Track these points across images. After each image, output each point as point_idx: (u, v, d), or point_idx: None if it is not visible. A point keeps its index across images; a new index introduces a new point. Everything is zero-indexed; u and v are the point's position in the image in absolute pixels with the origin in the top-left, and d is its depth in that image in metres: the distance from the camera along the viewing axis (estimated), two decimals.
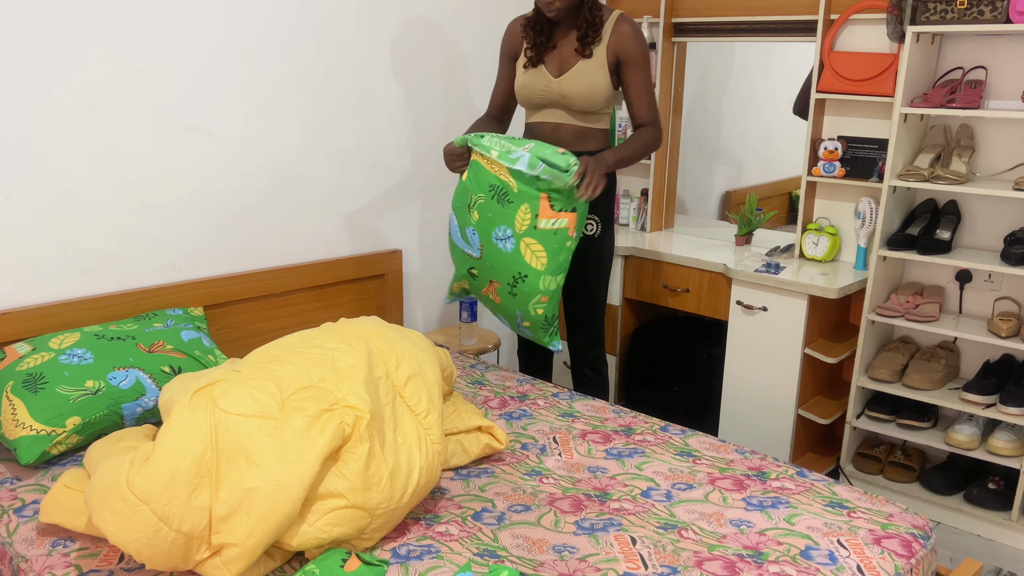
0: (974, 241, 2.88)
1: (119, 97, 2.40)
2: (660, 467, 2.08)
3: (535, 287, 2.45)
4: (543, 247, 2.43)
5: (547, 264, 2.44)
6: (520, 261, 2.44)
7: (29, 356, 2.15)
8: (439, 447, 1.85)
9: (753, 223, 3.37)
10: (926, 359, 2.88)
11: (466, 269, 2.62)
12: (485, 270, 2.54)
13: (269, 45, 2.70)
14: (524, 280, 2.45)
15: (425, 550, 1.71)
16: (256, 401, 1.67)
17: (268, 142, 2.77)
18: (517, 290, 2.47)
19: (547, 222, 2.40)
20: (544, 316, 2.49)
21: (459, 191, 2.57)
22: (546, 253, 2.44)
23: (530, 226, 2.41)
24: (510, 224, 2.43)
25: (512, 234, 2.43)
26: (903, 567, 1.70)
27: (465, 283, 2.69)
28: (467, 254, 2.58)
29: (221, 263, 2.72)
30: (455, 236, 2.62)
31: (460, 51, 3.30)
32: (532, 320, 2.50)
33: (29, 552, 1.71)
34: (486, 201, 2.47)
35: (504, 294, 2.51)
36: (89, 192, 2.39)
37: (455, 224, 2.60)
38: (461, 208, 2.56)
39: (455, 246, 2.64)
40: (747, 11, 3.22)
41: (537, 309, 2.47)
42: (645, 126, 2.58)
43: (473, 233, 2.52)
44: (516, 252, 2.44)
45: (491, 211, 2.47)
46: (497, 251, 2.47)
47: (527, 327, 2.54)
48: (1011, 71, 2.72)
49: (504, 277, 2.49)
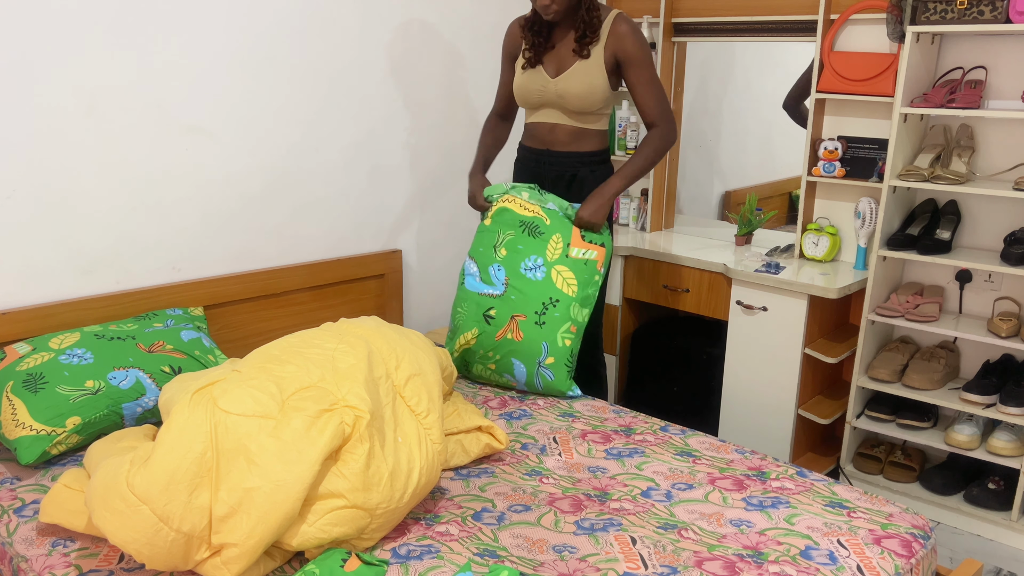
0: (974, 241, 2.88)
1: (119, 97, 2.40)
2: (660, 467, 2.08)
3: (566, 313, 2.45)
4: (574, 275, 2.47)
5: (577, 292, 2.46)
6: (551, 287, 2.46)
7: (29, 356, 2.15)
8: (439, 447, 1.85)
9: (753, 223, 3.37)
10: (926, 359, 2.88)
11: (481, 314, 2.51)
12: (508, 305, 2.48)
13: (269, 45, 2.70)
14: (555, 305, 2.44)
15: (425, 550, 1.71)
16: (256, 401, 1.67)
17: (268, 142, 2.77)
18: (547, 317, 2.44)
19: (578, 251, 2.49)
20: (570, 350, 2.45)
21: (479, 239, 2.60)
22: (577, 281, 2.47)
23: (562, 255, 2.48)
24: (541, 254, 2.49)
25: (543, 263, 2.48)
26: (903, 567, 1.70)
27: (472, 335, 2.53)
28: (485, 296, 2.52)
29: (221, 263, 2.72)
30: (471, 283, 2.56)
31: (460, 52, 3.30)
32: (558, 354, 2.44)
33: (29, 552, 1.71)
34: (516, 236, 2.53)
35: (529, 326, 2.45)
36: (89, 192, 2.39)
37: (473, 270, 2.57)
38: (485, 251, 2.56)
39: (467, 294, 2.56)
40: (747, 11, 3.22)
41: (565, 340, 2.44)
42: (655, 125, 2.57)
43: (499, 269, 2.51)
44: (547, 279, 2.46)
45: (521, 243, 2.51)
46: (526, 281, 2.47)
47: (549, 365, 2.45)
48: (1011, 71, 2.71)
49: (532, 306, 2.45)
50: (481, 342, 2.52)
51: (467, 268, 2.61)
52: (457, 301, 2.60)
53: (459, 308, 2.58)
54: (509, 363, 2.49)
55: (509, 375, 2.52)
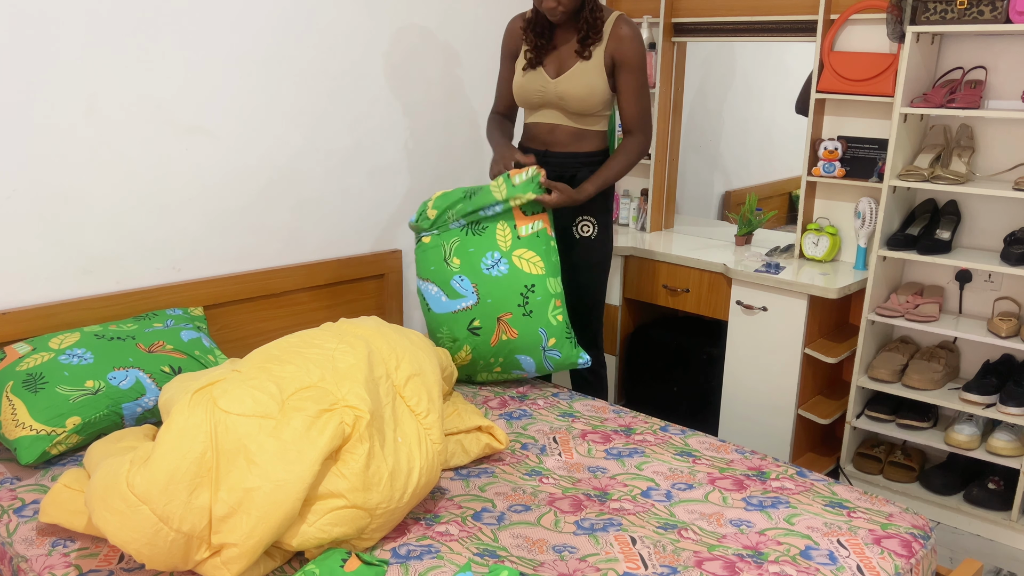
0: (974, 241, 2.88)
1: (119, 97, 2.40)
2: (660, 467, 2.08)
3: (546, 293, 2.44)
4: (534, 252, 2.45)
5: (545, 267, 2.45)
6: (521, 274, 2.44)
7: (29, 356, 2.15)
8: (439, 447, 1.85)
9: (753, 223, 3.37)
10: (926, 359, 2.88)
11: (465, 329, 2.48)
12: (488, 310, 2.46)
13: (268, 46, 2.70)
14: (534, 290, 2.43)
15: (425, 550, 1.71)
16: (256, 401, 1.67)
17: (268, 142, 2.77)
18: (531, 305, 2.43)
19: (526, 228, 2.45)
20: (565, 323, 2.46)
21: (425, 258, 2.55)
22: (539, 257, 2.45)
23: (513, 238, 2.45)
24: (494, 247, 2.45)
25: (501, 255, 2.45)
26: (903, 567, 1.70)
27: (465, 353, 2.51)
28: (461, 310, 2.48)
29: (221, 263, 2.72)
30: (438, 305, 2.51)
31: (458, 52, 3.30)
32: (556, 333, 2.45)
33: (29, 552, 1.71)
34: (461, 241, 2.49)
35: (519, 320, 2.44)
36: (89, 192, 2.39)
37: (434, 292, 2.51)
38: (437, 269, 2.51)
39: (440, 318, 2.51)
40: (747, 11, 3.22)
41: (557, 316, 2.45)
42: (632, 133, 2.57)
43: (461, 279, 2.47)
44: (513, 269, 2.44)
45: (471, 246, 2.48)
46: (493, 280, 2.45)
47: (553, 346, 2.46)
48: (1011, 71, 2.71)
49: (513, 300, 2.44)
50: (477, 355, 2.51)
51: (426, 292, 2.54)
52: (432, 328, 2.56)
53: (438, 334, 2.55)
54: (514, 360, 2.50)
55: (518, 370, 2.54)
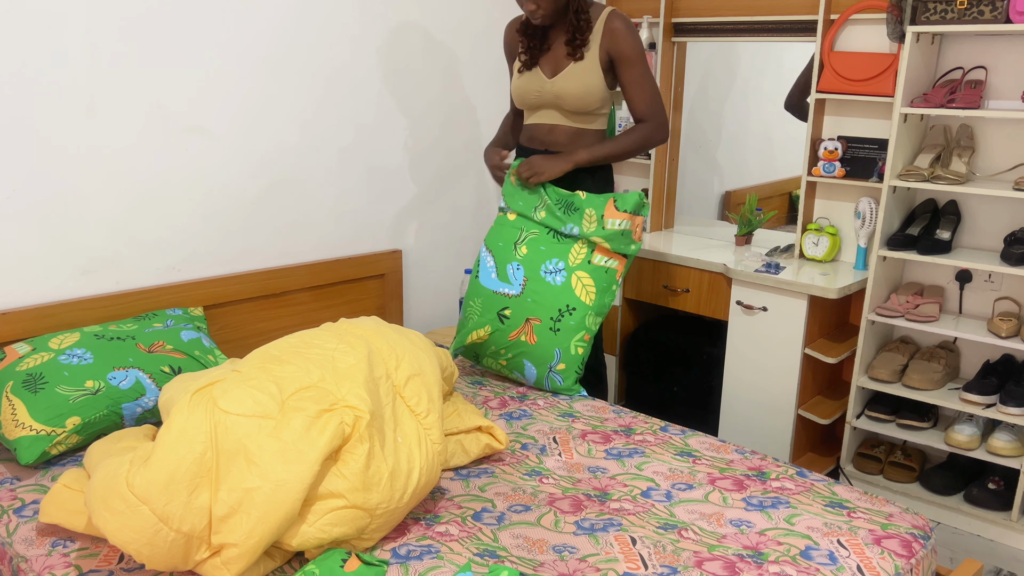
0: (974, 241, 2.88)
1: (119, 97, 2.40)
2: (660, 467, 2.08)
3: (581, 322, 2.44)
4: (594, 282, 2.46)
5: (595, 300, 2.46)
6: (570, 294, 2.45)
7: (29, 356, 2.15)
8: (439, 447, 1.85)
9: (753, 223, 3.37)
10: (926, 359, 2.88)
11: (495, 312, 2.50)
12: (524, 307, 2.47)
13: (269, 46, 2.70)
14: (572, 313, 2.44)
15: (425, 550, 1.71)
16: (256, 401, 1.67)
17: (268, 142, 2.77)
18: (562, 324, 2.44)
19: (600, 259, 2.47)
20: (582, 358, 2.47)
21: (499, 232, 2.56)
22: (595, 288, 2.46)
23: (584, 260, 2.46)
24: (563, 258, 2.47)
25: (564, 267, 2.46)
26: (903, 567, 1.70)
27: (484, 332, 2.53)
28: (500, 294, 2.50)
29: (221, 263, 2.72)
30: (486, 278, 2.53)
31: (459, 53, 3.30)
32: (569, 360, 2.46)
33: (29, 552, 1.71)
34: (540, 236, 2.51)
35: (544, 331, 2.45)
36: (89, 192, 2.39)
37: (489, 264, 2.54)
38: (505, 246, 2.53)
39: (481, 289, 2.54)
40: (747, 11, 3.22)
41: (578, 348, 2.45)
42: (644, 121, 2.55)
43: (517, 268, 2.49)
44: (566, 285, 2.45)
45: (544, 244, 2.50)
46: (544, 285, 2.46)
47: (560, 371, 2.47)
48: (1011, 71, 2.71)
49: (549, 311, 2.45)
50: (493, 339, 2.53)
51: (483, 260, 2.58)
52: (470, 293, 2.59)
53: (471, 301, 2.57)
54: (520, 363, 2.51)
55: (519, 373, 2.54)
